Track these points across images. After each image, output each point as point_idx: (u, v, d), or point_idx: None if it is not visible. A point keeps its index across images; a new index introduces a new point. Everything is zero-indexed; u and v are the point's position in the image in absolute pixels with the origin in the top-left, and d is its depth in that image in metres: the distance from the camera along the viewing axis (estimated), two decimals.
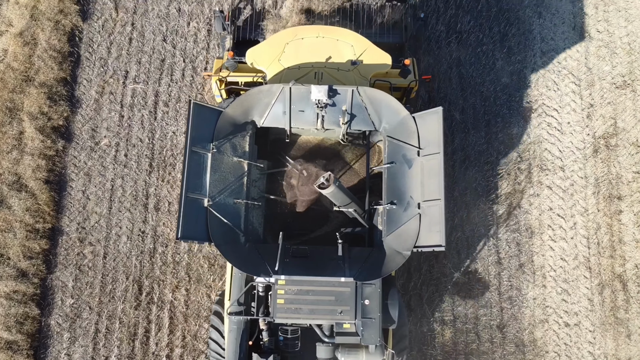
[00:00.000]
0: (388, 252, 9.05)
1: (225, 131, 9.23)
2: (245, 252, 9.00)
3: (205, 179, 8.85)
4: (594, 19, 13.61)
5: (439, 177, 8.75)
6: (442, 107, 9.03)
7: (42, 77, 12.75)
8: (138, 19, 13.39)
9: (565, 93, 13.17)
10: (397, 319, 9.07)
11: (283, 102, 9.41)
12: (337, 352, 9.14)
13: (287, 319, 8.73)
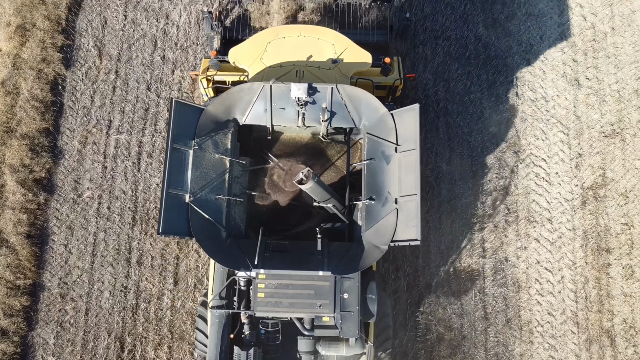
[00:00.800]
0: (366, 247, 9.13)
1: (207, 129, 9.31)
2: (227, 247, 9.09)
3: (187, 175, 8.96)
4: (583, 65, 13.38)
5: (415, 172, 8.89)
6: (419, 104, 9.11)
7: (24, 128, 12.52)
8: (122, 67, 13.15)
9: (554, 142, 12.95)
10: (376, 313, 9.18)
11: (264, 99, 9.49)
12: (318, 345, 9.29)
13: (267, 312, 8.86)
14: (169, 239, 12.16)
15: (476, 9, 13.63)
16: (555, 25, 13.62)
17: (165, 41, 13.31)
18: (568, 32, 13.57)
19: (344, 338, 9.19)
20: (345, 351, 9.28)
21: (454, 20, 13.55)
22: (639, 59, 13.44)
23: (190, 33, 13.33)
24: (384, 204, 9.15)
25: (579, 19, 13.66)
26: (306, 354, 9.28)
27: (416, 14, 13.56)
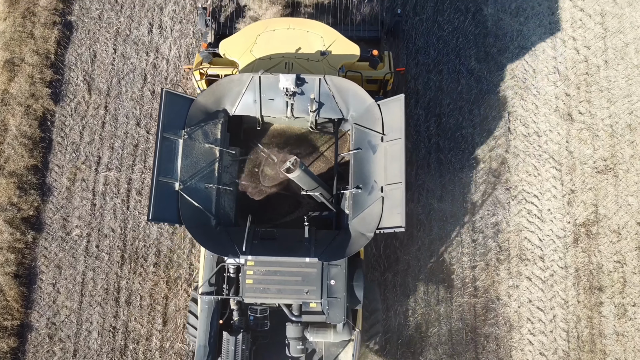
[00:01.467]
0: (353, 234, 9.21)
1: (197, 119, 9.37)
2: (216, 234, 9.15)
3: (177, 164, 9.03)
4: (575, 99, 13.22)
5: (400, 161, 8.96)
6: (405, 95, 9.22)
7: (12, 166, 12.34)
8: (111, 101, 12.98)
9: (546, 178, 12.79)
10: (362, 299, 9.34)
11: (253, 90, 9.57)
12: (306, 331, 9.42)
13: (255, 298, 8.95)
14: (157, 278, 12.01)
15: (468, 42, 13.46)
16: (549, 58, 13.45)
17: (155, 75, 13.13)
18: (561, 65, 13.40)
19: (331, 324, 9.34)
20: (332, 337, 9.42)
21: (446, 53, 13.38)
22: (632, 92, 13.28)
23: (180, 67, 13.16)
24: (370, 193, 9.24)
25: (572, 52, 13.49)
26: (294, 340, 9.38)
27: (408, 47, 13.38)
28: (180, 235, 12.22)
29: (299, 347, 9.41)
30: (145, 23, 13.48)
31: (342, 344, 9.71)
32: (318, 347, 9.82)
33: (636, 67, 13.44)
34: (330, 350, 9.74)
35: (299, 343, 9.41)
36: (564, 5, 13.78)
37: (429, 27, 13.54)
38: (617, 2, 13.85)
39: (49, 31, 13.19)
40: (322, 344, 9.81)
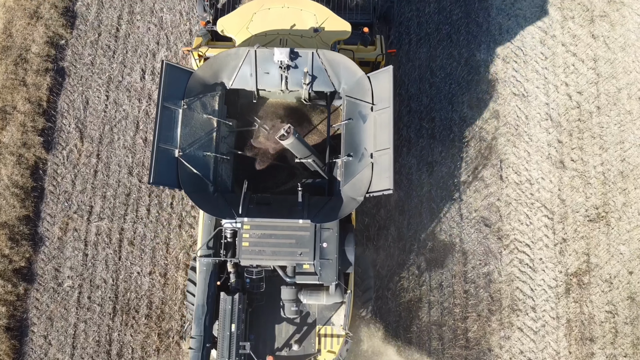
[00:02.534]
0: (344, 199, 9.63)
1: (196, 90, 9.78)
2: (214, 200, 9.56)
3: (177, 132, 9.41)
4: (568, 147, 13.11)
5: (388, 128, 9.36)
6: (392, 66, 9.63)
7: (3, 217, 12.21)
8: (104, 149, 12.85)
9: (538, 227, 12.68)
10: (353, 262, 9.72)
11: (249, 64, 10.01)
12: (300, 294, 9.76)
13: (251, 260, 9.32)
14: (148, 330, 11.89)
15: (461, 89, 13.34)
16: (541, 104, 13.33)
17: (147, 123, 13.00)
18: (554, 111, 13.29)
19: (324, 287, 9.73)
20: (325, 300, 9.79)
21: (439, 100, 13.27)
22: (624, 139, 13.18)
23: None
24: (360, 160, 9.62)
25: (565, 98, 13.37)
26: (289, 301, 9.69)
27: (401, 94, 13.27)
28: (172, 286, 12.12)
29: (293, 308, 9.73)
30: (137, 69, 13.35)
31: (334, 306, 10.07)
32: (312, 310, 10.14)
33: (629, 113, 13.33)
34: (323, 313, 10.10)
35: (293, 305, 9.72)
36: (557, 51, 13.66)
37: (421, 74, 13.42)
38: (609, 47, 13.74)
39: (41, 78, 13.06)
40: (316, 307, 10.13)
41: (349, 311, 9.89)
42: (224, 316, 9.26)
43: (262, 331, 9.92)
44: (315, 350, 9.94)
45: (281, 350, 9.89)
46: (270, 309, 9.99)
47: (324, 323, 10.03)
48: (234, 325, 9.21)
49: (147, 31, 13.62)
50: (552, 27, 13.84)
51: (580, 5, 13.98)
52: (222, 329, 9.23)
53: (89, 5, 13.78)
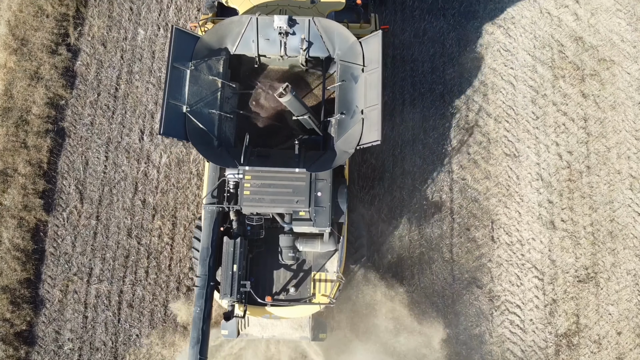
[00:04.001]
0: (337, 152, 10.34)
1: (202, 54, 10.54)
2: (218, 152, 10.29)
3: (185, 90, 10.19)
4: (558, 207, 13.19)
5: (377, 86, 10.13)
6: (381, 31, 10.52)
7: (5, 281, 12.29)
8: (103, 211, 12.93)
9: (529, 288, 12.77)
10: (345, 211, 10.45)
11: (251, 31, 10.76)
12: (296, 242, 10.51)
13: (252, 208, 10.07)
14: None
15: (454, 149, 13.44)
16: (532, 164, 13.41)
17: (145, 184, 13.09)
18: (544, 171, 13.36)
19: (319, 236, 10.46)
20: (320, 247, 10.54)
21: (432, 161, 13.34)
22: (613, 198, 13.26)
23: (170, 176, 13.12)
24: (352, 117, 10.40)
25: (555, 158, 13.45)
26: (286, 248, 10.47)
27: (394, 154, 13.35)
28: (170, 349, 12.21)
29: (290, 254, 10.49)
30: (136, 130, 13.43)
31: (328, 254, 10.77)
32: (307, 257, 10.78)
33: (618, 173, 13.42)
34: (317, 260, 10.75)
35: (290, 251, 10.48)
36: (548, 110, 13.73)
37: (415, 134, 13.49)
38: (599, 106, 13.81)
39: (41, 140, 13.14)
40: (311, 255, 10.80)
41: (342, 256, 10.59)
42: (226, 258, 9.94)
43: (261, 276, 10.59)
44: (310, 294, 10.59)
45: (279, 294, 10.58)
46: (269, 256, 10.68)
47: (318, 269, 10.73)
48: (235, 266, 9.87)
49: (145, 91, 13.69)
50: (544, 87, 13.91)
51: (571, 64, 14.05)
52: (225, 269, 9.90)
53: (89, 65, 13.84)
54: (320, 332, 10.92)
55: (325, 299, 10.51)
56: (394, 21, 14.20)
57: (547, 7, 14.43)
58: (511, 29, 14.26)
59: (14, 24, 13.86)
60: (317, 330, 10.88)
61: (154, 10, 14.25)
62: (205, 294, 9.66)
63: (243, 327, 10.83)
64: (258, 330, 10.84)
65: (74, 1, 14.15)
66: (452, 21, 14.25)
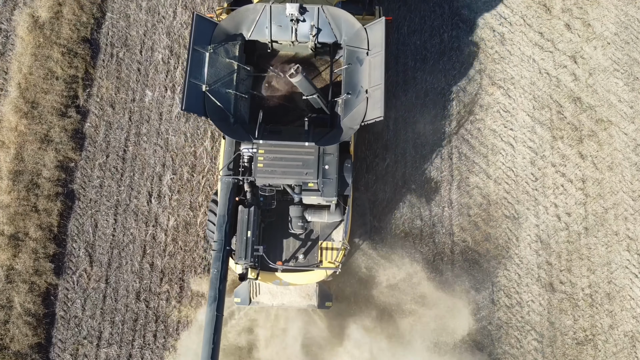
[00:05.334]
0: (344, 129, 11.10)
1: (220, 39, 11.29)
2: (234, 128, 11.04)
3: (204, 71, 10.97)
4: (557, 268, 13.31)
5: (381, 67, 10.91)
6: (384, 17, 11.28)
7: (16, 346, 12.40)
8: (112, 274, 13.06)
9: (528, 351, 12.88)
10: (351, 183, 11.11)
11: (265, 18, 11.50)
12: (305, 212, 11.21)
13: (265, 179, 10.86)
14: None
15: (454, 212, 13.57)
16: (531, 226, 13.53)
17: (153, 247, 13.21)
18: (543, 233, 13.49)
19: (326, 207, 11.19)
20: (327, 217, 11.26)
21: (433, 223, 13.46)
22: (611, 260, 13.38)
23: (178, 238, 13.26)
24: (357, 96, 11.11)
25: (554, 219, 13.57)
26: (296, 218, 11.16)
27: (397, 229, 13.50)
28: None
29: (300, 224, 11.15)
30: (144, 192, 13.57)
31: (334, 224, 11.44)
32: (315, 227, 11.46)
33: (615, 234, 13.54)
34: (324, 230, 11.44)
35: (300, 221, 11.14)
36: (546, 172, 13.85)
37: (417, 196, 13.65)
38: (597, 167, 13.93)
39: (52, 204, 13.27)
40: (319, 225, 11.45)
41: (347, 226, 11.27)
42: (241, 225, 10.66)
43: (273, 244, 11.26)
44: (318, 261, 11.27)
45: (289, 261, 11.26)
46: (279, 226, 11.34)
47: (325, 238, 11.41)
48: (249, 232, 10.59)
49: (153, 153, 13.83)
50: (542, 148, 14.03)
51: (569, 124, 14.18)
52: (240, 235, 10.60)
53: (97, 127, 13.98)
54: (326, 300, 11.58)
55: (331, 265, 11.14)
56: (397, 82, 14.35)
57: (546, 68, 14.56)
58: (511, 90, 14.39)
59: (24, 86, 14.00)
60: (323, 299, 11.56)
61: (161, 71, 14.38)
62: (222, 257, 10.30)
63: (254, 295, 11.54)
64: (268, 298, 11.53)
65: (83, 63, 14.30)
66: (452, 82, 14.39)
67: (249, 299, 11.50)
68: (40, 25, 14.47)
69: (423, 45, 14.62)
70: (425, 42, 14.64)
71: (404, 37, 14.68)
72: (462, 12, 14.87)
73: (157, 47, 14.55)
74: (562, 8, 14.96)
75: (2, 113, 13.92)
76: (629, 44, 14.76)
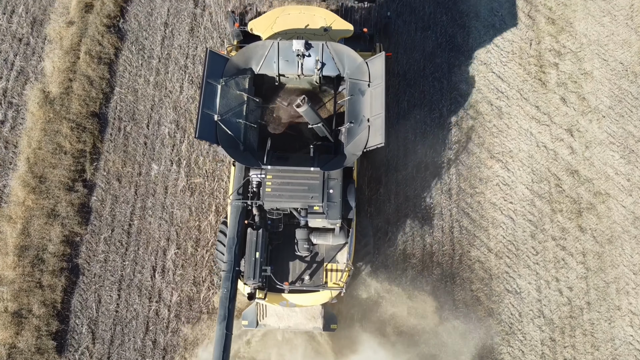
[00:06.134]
0: (347, 155, 11.54)
1: (231, 72, 11.93)
2: (244, 154, 11.53)
3: (216, 102, 11.57)
4: (560, 345, 13.08)
5: (381, 98, 11.48)
6: (384, 52, 11.95)
7: None
8: (114, 351, 12.89)
9: None
10: (354, 206, 11.49)
11: (273, 53, 12.19)
12: (311, 235, 11.70)
13: (273, 203, 11.28)
14: None
15: (456, 286, 13.53)
16: (534, 301, 13.46)
17: (157, 323, 13.11)
18: (545, 308, 13.40)
19: (330, 230, 11.64)
20: (332, 240, 11.72)
21: (437, 296, 13.43)
22: (614, 335, 13.23)
23: (181, 314, 13.18)
24: (359, 125, 11.63)
25: (556, 294, 13.50)
26: (302, 240, 11.61)
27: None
28: None
29: (305, 246, 11.61)
30: (148, 267, 13.56)
31: (338, 247, 11.88)
32: (320, 250, 11.91)
33: (618, 309, 13.43)
34: (329, 252, 11.88)
35: (305, 243, 11.58)
36: (547, 245, 13.88)
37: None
38: (597, 240, 13.95)
39: (56, 280, 13.24)
40: (324, 247, 11.90)
41: (351, 248, 11.60)
42: (250, 246, 11.12)
43: (280, 265, 11.68)
44: (323, 282, 11.65)
45: (295, 282, 11.65)
46: (286, 248, 11.79)
47: (330, 260, 11.82)
48: (258, 253, 11.01)
49: (158, 227, 13.90)
50: (542, 221, 14.10)
51: (568, 197, 14.29)
52: (249, 256, 11.06)
53: (104, 201, 14.10)
54: (331, 323, 11.91)
55: (336, 286, 11.53)
56: (397, 156, 14.54)
57: (543, 141, 14.79)
58: (509, 163, 14.58)
59: (33, 161, 14.20)
60: (328, 321, 11.91)
61: (167, 145, 14.61)
62: (231, 277, 10.68)
63: (261, 318, 11.87)
64: (275, 320, 11.88)
65: (91, 137, 14.55)
66: (452, 156, 14.59)
67: (256, 321, 11.82)
68: (50, 100, 14.79)
69: (423, 119, 14.90)
70: (425, 117, 14.93)
71: (404, 111, 14.98)
72: (460, 86, 15.22)
73: (164, 121, 14.83)
74: (557, 82, 15.32)
75: (11, 187, 14.08)
76: (623, 117, 15.03)
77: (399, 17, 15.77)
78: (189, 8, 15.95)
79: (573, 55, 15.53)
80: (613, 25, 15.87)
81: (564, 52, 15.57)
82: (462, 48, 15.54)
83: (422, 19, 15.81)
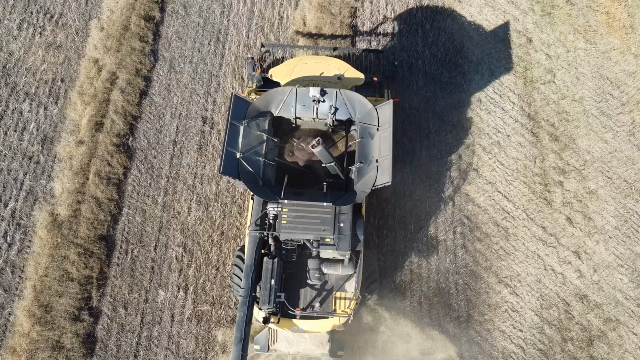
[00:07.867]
0: (357, 192, 12.24)
1: (253, 114, 12.86)
2: (262, 189, 12.27)
3: (239, 141, 12.47)
4: None
5: (389, 141, 12.30)
6: (392, 100, 12.91)
7: None
8: None
9: None
10: (362, 239, 12.18)
11: (291, 98, 13.15)
12: (322, 265, 12.28)
13: (288, 234, 11.97)
14: None
15: None
16: None
17: None
18: None
19: (340, 260, 12.23)
20: (341, 270, 12.28)
21: None
22: None
23: None
24: (369, 165, 12.42)
25: None
26: (313, 270, 12.22)
27: None
28: None
29: (316, 275, 12.22)
30: None
31: (347, 277, 12.47)
32: (330, 279, 12.56)
33: None
34: (338, 281, 12.54)
35: (317, 272, 12.19)
36: None
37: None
38: None
39: None
40: (333, 277, 12.53)
41: (359, 278, 12.09)
42: (266, 274, 11.74)
43: (292, 293, 12.37)
44: (332, 309, 12.26)
45: (306, 309, 12.22)
46: (298, 277, 12.48)
47: (339, 289, 12.47)
48: (273, 280, 11.63)
49: (164, 358, 13.52)
50: (553, 350, 13.62)
51: (578, 324, 13.89)
52: (264, 283, 11.64)
53: (109, 330, 13.74)
54: (338, 349, 12.46)
55: (344, 313, 12.07)
56: (404, 282, 14.28)
57: (551, 264, 14.55)
58: (518, 288, 14.30)
59: (39, 289, 13.93)
60: (336, 348, 12.45)
61: (175, 270, 14.38)
62: (248, 302, 11.22)
63: (272, 343, 12.46)
64: (285, 346, 12.45)
65: (98, 262, 14.31)
66: (459, 280, 14.31)
67: (268, 346, 12.43)
68: (59, 224, 14.64)
69: (429, 242, 14.71)
70: (432, 240, 14.75)
71: (411, 234, 14.82)
72: (467, 207, 15.10)
73: (171, 244, 14.63)
74: (562, 202, 15.20)
75: (16, 317, 13.76)
76: (630, 238, 14.84)
77: (412, 114, 15.77)
78: (197, 125, 16.00)
79: (577, 173, 15.47)
80: (616, 142, 15.88)
81: (568, 170, 15.51)
82: (467, 168, 15.50)
83: (428, 145, 15.82)
